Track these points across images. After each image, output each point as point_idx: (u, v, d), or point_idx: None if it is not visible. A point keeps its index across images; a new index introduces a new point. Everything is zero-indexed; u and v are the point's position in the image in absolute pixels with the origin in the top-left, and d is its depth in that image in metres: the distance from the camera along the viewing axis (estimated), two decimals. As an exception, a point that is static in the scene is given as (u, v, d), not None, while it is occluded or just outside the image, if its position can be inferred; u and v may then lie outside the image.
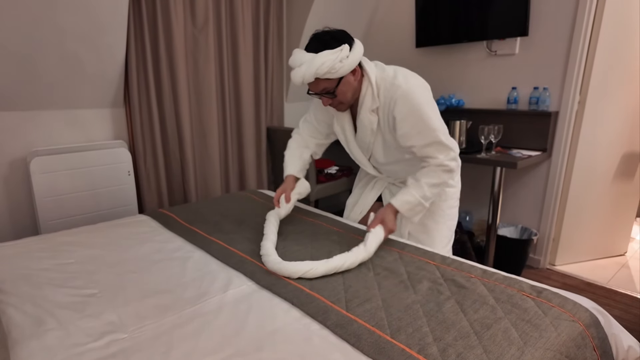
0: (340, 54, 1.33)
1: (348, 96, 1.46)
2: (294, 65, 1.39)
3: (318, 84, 1.39)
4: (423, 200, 1.47)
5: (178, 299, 1.15)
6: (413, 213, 1.51)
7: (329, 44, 1.34)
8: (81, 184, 2.31)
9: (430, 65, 3.08)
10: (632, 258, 2.86)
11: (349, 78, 1.42)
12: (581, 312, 1.06)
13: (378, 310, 1.07)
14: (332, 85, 1.40)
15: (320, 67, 1.32)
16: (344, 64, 1.35)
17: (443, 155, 1.44)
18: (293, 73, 1.39)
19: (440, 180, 1.47)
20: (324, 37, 1.37)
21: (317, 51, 1.34)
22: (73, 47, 2.09)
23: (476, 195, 2.98)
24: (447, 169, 1.46)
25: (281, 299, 1.14)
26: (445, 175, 1.47)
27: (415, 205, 1.48)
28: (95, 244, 1.57)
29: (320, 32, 1.40)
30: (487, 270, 1.27)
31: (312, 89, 1.44)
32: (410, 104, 1.39)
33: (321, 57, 1.32)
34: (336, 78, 1.38)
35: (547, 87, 2.48)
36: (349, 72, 1.38)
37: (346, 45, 1.35)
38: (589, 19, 2.30)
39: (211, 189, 2.86)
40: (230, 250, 1.46)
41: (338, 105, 1.51)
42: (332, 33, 1.38)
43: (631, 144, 2.65)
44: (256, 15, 2.86)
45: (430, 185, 1.46)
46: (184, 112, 2.60)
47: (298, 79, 1.37)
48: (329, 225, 1.70)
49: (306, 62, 1.34)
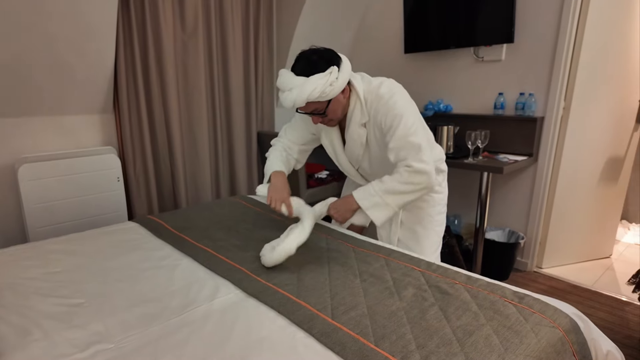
0: (330, 77, 1.34)
1: (338, 113, 1.48)
2: (283, 88, 1.39)
3: (308, 105, 1.40)
4: (381, 192, 1.41)
5: (164, 308, 1.16)
6: (370, 204, 1.42)
7: (318, 65, 1.34)
8: (70, 190, 2.30)
9: (419, 71, 3.12)
10: (617, 260, 2.91)
11: (339, 96, 1.43)
12: (561, 318, 1.08)
13: (363, 317, 1.08)
14: (322, 107, 1.42)
15: (311, 92, 1.32)
16: (334, 87, 1.36)
17: (411, 156, 1.40)
18: (283, 97, 1.38)
19: (404, 179, 1.40)
20: (312, 58, 1.37)
21: (305, 73, 1.34)
22: (62, 53, 2.09)
23: (465, 199, 3.01)
24: (412, 170, 1.39)
25: (268, 307, 1.15)
26: (410, 177, 1.39)
27: (371, 195, 1.42)
28: (83, 252, 1.57)
29: (308, 51, 1.40)
30: (471, 277, 1.30)
31: (302, 109, 1.44)
32: (393, 114, 1.41)
33: (312, 82, 1.32)
34: (326, 100, 1.40)
35: (532, 93, 2.53)
36: (338, 93, 1.39)
37: (335, 67, 1.36)
38: (572, 26, 2.35)
39: (202, 194, 2.86)
40: (218, 257, 1.46)
41: (328, 122, 1.52)
42: (319, 53, 1.39)
43: (615, 148, 2.70)
44: (246, 20, 2.87)
45: (392, 180, 1.41)
46: (174, 117, 2.60)
47: (288, 104, 1.37)
48: (317, 232, 1.71)
49: (297, 87, 1.34)
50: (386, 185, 1.41)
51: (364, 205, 1.43)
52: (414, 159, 1.39)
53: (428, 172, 1.40)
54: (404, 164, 1.41)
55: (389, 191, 1.41)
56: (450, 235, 2.66)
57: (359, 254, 1.49)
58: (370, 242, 1.61)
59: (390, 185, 1.41)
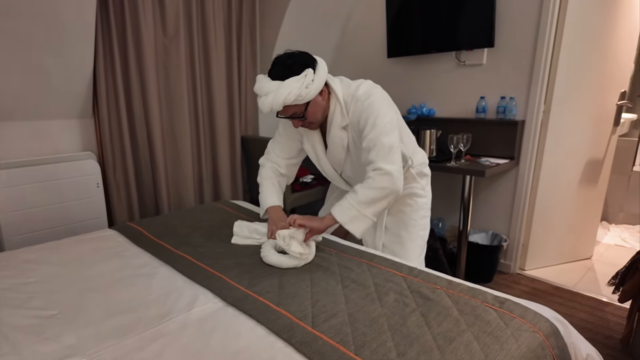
0: (305, 80, 1.34)
1: (318, 116, 1.49)
2: (260, 93, 1.39)
3: (287, 109, 1.41)
4: (356, 204, 1.39)
5: (140, 318, 1.13)
6: (347, 218, 1.40)
7: (293, 69, 1.35)
8: (48, 197, 2.25)
9: (402, 75, 3.13)
10: (597, 261, 2.95)
11: (317, 99, 1.44)
12: (541, 323, 1.08)
13: (344, 325, 1.07)
14: (301, 110, 1.43)
15: (287, 96, 1.33)
16: (310, 89, 1.36)
17: (380, 157, 1.39)
18: (260, 102, 1.39)
19: (375, 184, 1.38)
20: (287, 62, 1.38)
21: (281, 77, 1.35)
22: (37, 57, 2.04)
23: (449, 202, 3.03)
24: (382, 173, 1.37)
25: (247, 316, 1.13)
26: (381, 180, 1.38)
27: (348, 208, 1.40)
28: (59, 260, 1.52)
29: (283, 56, 1.41)
30: (453, 282, 1.29)
31: (281, 114, 1.45)
32: (367, 114, 1.42)
33: (287, 86, 1.33)
34: (304, 103, 1.40)
35: (513, 97, 2.55)
36: (315, 95, 1.40)
37: (310, 70, 1.37)
38: (550, 30, 2.38)
39: (184, 200, 2.82)
40: (198, 265, 1.44)
41: (309, 125, 1.53)
42: (294, 56, 1.40)
43: (594, 150, 2.75)
44: (228, 23, 2.85)
45: (364, 188, 1.39)
46: (155, 122, 2.56)
47: (266, 108, 1.37)
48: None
49: (273, 92, 1.34)
50: (359, 196, 1.40)
51: (342, 220, 1.42)
52: (382, 160, 1.38)
53: (392, 173, 1.37)
54: (372, 167, 1.40)
55: (363, 202, 1.40)
56: (434, 238, 2.67)
57: (342, 260, 1.48)
58: (353, 247, 1.60)
59: (364, 195, 1.40)
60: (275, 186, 1.72)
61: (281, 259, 1.42)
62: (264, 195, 1.69)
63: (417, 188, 1.74)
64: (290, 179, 1.82)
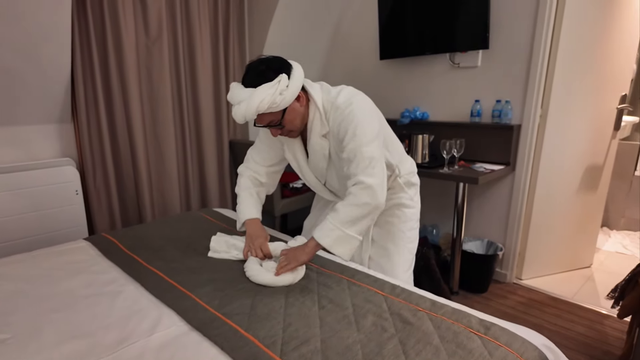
0: (278, 86, 1.26)
1: (296, 123, 1.40)
2: (233, 102, 1.31)
3: (263, 117, 1.33)
4: (339, 224, 1.31)
5: (97, 344, 1.04)
6: (332, 240, 1.32)
7: (265, 75, 1.27)
8: (24, 205, 2.16)
9: (395, 77, 3.04)
10: (597, 270, 2.85)
11: (294, 105, 1.35)
12: (529, 351, 0.99)
13: (315, 353, 0.98)
14: (278, 118, 1.34)
15: (260, 104, 1.25)
16: (284, 96, 1.28)
17: (360, 169, 1.31)
18: (233, 111, 1.31)
19: (357, 201, 1.30)
20: (260, 67, 1.30)
21: (254, 84, 1.27)
22: (9, 59, 1.94)
23: (442, 209, 2.94)
24: (363, 187, 1.30)
25: (211, 342, 1.04)
26: (362, 195, 1.30)
27: (330, 230, 1.32)
28: (24, 276, 1.44)
29: (255, 62, 1.33)
30: (436, 302, 1.20)
31: (258, 122, 1.36)
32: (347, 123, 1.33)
33: (259, 93, 1.24)
34: (280, 110, 1.32)
35: (509, 100, 2.46)
36: (291, 101, 1.32)
37: (284, 75, 1.28)
38: (547, 32, 2.29)
39: (170, 207, 2.73)
40: (167, 282, 1.35)
41: (288, 134, 1.44)
42: (267, 62, 1.31)
43: (594, 155, 2.65)
44: (215, 23, 2.76)
45: (346, 206, 1.32)
46: (137, 126, 2.47)
47: (240, 118, 1.29)
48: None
49: (245, 100, 1.26)
50: (341, 214, 1.32)
51: (327, 244, 1.33)
52: (363, 173, 1.31)
53: (373, 187, 1.30)
54: (353, 182, 1.33)
55: (346, 221, 1.32)
56: (427, 246, 2.58)
57: (322, 276, 1.39)
58: (336, 262, 1.51)
59: (345, 214, 1.32)
60: (253, 196, 1.63)
61: (275, 279, 1.32)
62: (241, 207, 1.61)
63: (405, 198, 1.65)
64: (271, 188, 1.73)
